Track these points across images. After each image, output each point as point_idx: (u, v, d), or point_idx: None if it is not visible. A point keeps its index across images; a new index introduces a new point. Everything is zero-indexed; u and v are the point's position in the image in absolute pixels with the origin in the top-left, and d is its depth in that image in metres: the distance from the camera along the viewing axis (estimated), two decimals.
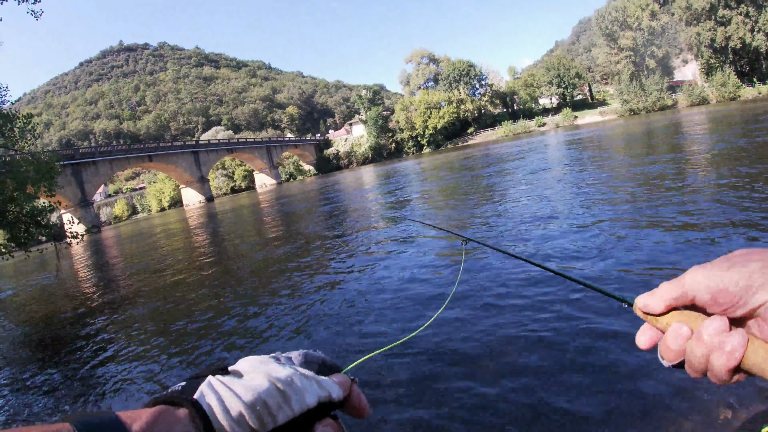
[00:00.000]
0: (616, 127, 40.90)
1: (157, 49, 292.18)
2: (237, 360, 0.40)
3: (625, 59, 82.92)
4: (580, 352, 4.13)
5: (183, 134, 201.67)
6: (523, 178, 16.84)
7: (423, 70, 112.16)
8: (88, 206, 63.08)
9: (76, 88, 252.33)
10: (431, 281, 7.07)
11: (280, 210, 27.36)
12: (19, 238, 14.63)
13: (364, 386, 4.26)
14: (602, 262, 6.43)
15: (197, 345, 6.58)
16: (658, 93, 73.34)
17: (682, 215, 7.93)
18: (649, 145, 19.82)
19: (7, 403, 6.15)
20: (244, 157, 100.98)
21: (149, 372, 5.97)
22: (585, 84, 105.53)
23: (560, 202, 10.83)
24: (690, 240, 6.68)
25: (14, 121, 13.49)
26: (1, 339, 10.25)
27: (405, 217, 5.86)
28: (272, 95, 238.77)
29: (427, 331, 4.94)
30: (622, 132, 33.10)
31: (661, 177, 11.55)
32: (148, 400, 0.43)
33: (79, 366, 6.83)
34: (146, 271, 15.23)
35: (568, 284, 5.67)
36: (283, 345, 5.87)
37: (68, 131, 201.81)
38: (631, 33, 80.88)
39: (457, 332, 5.02)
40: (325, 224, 16.63)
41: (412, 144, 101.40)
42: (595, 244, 7.25)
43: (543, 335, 4.60)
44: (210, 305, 8.57)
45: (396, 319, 5.88)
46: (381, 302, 6.58)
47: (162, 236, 28.94)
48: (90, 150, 68.38)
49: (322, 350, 0.42)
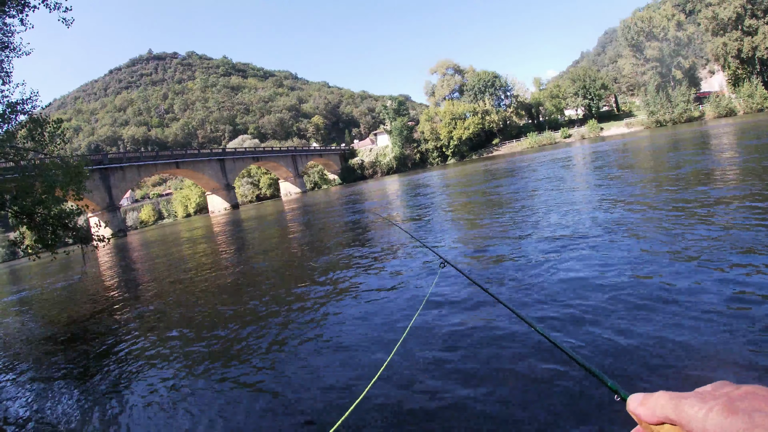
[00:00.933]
0: (642, 139, 40.29)
1: (186, 58, 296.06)
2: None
3: (651, 70, 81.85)
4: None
5: (210, 142, 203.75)
6: (545, 197, 16.61)
7: (448, 80, 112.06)
8: (115, 210, 64.03)
9: (106, 95, 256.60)
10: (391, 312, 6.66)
11: (303, 219, 27.46)
12: (46, 239, 14.86)
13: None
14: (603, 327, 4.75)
15: (214, 349, 6.59)
16: (685, 104, 72.28)
17: (713, 265, 5.77)
18: (678, 161, 19.30)
19: (29, 401, 6.23)
20: (269, 165, 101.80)
21: (163, 373, 5.98)
22: (611, 95, 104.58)
23: (580, 229, 10.13)
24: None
25: (44, 125, 13.72)
26: (26, 337, 10.39)
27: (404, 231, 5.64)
28: (298, 105, 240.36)
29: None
30: (649, 144, 32.58)
31: (691, 201, 10.63)
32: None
33: (100, 366, 6.87)
34: (169, 275, 15.35)
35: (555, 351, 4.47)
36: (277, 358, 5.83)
37: (97, 137, 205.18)
38: (657, 43, 79.84)
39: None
40: (341, 237, 16.66)
41: (436, 155, 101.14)
42: (605, 294, 5.63)
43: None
44: (229, 313, 8.58)
45: (345, 369, 5.10)
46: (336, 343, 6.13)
47: (187, 242, 29.22)
48: (118, 156, 69.50)
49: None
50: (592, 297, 5.52)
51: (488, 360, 4.55)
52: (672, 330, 4.30)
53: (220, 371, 5.70)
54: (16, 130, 13.74)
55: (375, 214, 20.05)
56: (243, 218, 43.45)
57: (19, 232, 15.70)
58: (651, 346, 4.11)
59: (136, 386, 5.81)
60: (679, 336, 4.18)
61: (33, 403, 6.19)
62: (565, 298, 5.70)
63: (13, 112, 13.12)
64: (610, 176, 17.35)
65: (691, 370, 3.70)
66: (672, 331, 4.28)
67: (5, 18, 13.29)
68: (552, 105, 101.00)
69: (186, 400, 5.01)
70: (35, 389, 6.73)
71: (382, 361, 4.86)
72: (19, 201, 13.76)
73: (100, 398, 5.68)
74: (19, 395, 6.64)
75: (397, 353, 4.91)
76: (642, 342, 4.24)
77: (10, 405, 6.35)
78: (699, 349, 3.95)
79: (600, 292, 5.65)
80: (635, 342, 4.27)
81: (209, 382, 5.41)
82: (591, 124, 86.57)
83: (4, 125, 13.26)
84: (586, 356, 4.17)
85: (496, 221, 12.08)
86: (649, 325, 4.52)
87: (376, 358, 5.11)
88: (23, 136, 13.68)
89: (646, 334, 4.35)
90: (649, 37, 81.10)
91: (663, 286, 5.42)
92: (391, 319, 6.28)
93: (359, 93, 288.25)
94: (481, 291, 2.01)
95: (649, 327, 4.46)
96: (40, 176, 13.42)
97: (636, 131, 72.29)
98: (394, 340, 5.40)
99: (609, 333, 4.51)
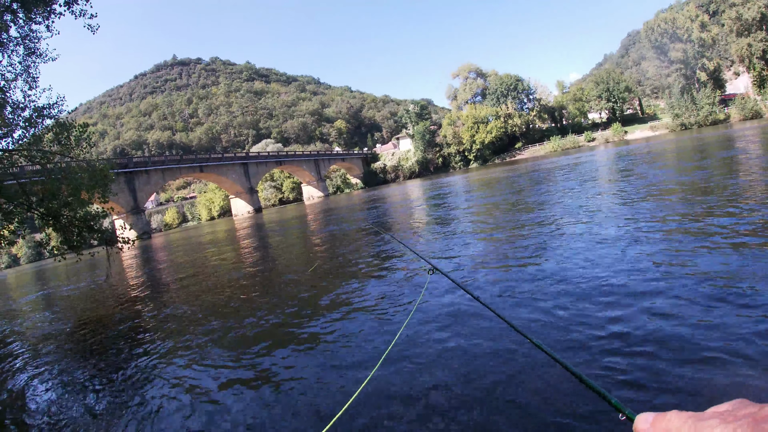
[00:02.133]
0: (667, 143, 39.57)
1: (210, 63, 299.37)
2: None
3: (675, 72, 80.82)
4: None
5: (234, 146, 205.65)
6: (570, 206, 16.44)
7: (470, 84, 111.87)
8: (140, 213, 65.02)
9: (131, 99, 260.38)
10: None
11: (325, 223, 27.53)
12: (71, 241, 15.10)
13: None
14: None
15: (236, 351, 6.63)
16: (710, 107, 71.20)
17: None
18: (709, 170, 18.91)
19: (54, 394, 6.32)
20: (292, 169, 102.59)
21: (183, 374, 6.02)
22: (635, 98, 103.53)
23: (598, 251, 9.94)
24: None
25: (70, 129, 13.95)
26: (52, 334, 10.55)
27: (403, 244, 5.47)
28: (321, 109, 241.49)
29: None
30: (675, 148, 31.95)
31: (722, 217, 9.97)
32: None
33: (124, 367, 6.95)
34: (192, 277, 15.48)
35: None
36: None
37: (122, 141, 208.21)
38: (681, 45, 78.84)
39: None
40: (360, 243, 16.68)
41: (459, 158, 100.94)
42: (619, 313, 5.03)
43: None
44: (249, 314, 8.63)
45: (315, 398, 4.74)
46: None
47: (210, 244, 29.46)
48: (143, 159, 70.57)
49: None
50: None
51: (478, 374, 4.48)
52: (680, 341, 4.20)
53: (241, 372, 5.73)
54: (43, 134, 14.00)
55: (383, 229, 20.01)
56: (266, 221, 43.70)
57: (45, 234, 15.92)
58: (662, 361, 3.98)
59: (157, 384, 5.85)
60: (687, 350, 4.06)
61: (57, 397, 6.28)
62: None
63: (39, 116, 13.35)
64: (651, 193, 17.02)
65: (704, 386, 3.47)
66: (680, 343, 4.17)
67: (31, 24, 13.57)
68: (575, 108, 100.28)
69: (208, 398, 5.04)
70: (60, 383, 6.83)
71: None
72: (46, 203, 14.01)
73: (122, 393, 5.74)
74: (44, 389, 6.74)
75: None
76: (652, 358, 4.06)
77: (36, 398, 6.46)
78: (710, 364, 3.74)
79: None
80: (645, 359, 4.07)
81: (228, 383, 5.44)
82: (615, 127, 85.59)
83: (31, 129, 13.51)
84: (593, 375, 3.96)
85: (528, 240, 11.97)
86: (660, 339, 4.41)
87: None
88: (50, 139, 13.93)
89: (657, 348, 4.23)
90: (673, 38, 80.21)
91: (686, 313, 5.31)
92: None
93: (381, 97, 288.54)
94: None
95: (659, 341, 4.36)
96: (66, 179, 13.64)
97: (661, 134, 71.22)
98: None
99: (627, 359, 4.40)
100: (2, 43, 13.11)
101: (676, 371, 3.65)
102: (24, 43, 13.54)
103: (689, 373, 3.61)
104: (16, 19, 13.25)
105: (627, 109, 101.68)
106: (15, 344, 10.61)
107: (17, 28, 13.39)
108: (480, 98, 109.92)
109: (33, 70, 13.73)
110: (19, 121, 13.18)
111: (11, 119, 13.02)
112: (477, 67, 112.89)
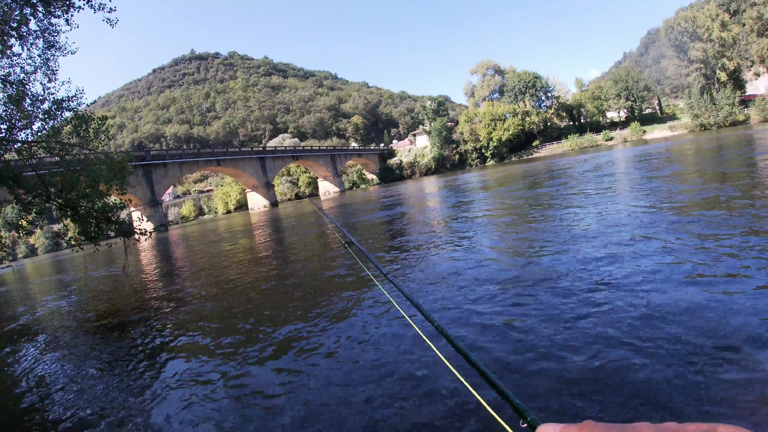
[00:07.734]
0: (686, 144, 38.99)
1: (227, 58, 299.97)
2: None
3: (695, 72, 79.64)
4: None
5: (251, 140, 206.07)
6: (586, 214, 16.27)
7: (488, 81, 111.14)
8: (157, 206, 65.61)
9: (149, 93, 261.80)
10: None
11: (340, 219, 27.53)
12: (89, 232, 15.29)
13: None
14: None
15: (248, 344, 6.65)
16: (730, 107, 69.94)
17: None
18: (733, 176, 18.61)
19: (70, 382, 6.39)
20: (308, 164, 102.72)
21: (196, 368, 6.05)
22: (654, 97, 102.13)
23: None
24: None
25: (89, 122, 14.10)
26: (69, 323, 10.68)
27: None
28: (338, 105, 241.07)
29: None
30: (694, 150, 31.36)
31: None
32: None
33: (139, 357, 7.02)
34: (207, 269, 15.60)
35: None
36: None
37: (140, 134, 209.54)
38: (701, 44, 77.62)
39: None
40: (372, 240, 16.69)
41: (475, 156, 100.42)
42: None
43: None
44: (264, 309, 8.67)
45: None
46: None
47: (226, 237, 29.61)
48: (161, 153, 71.21)
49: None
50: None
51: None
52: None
53: (256, 368, 5.75)
54: (62, 126, 14.17)
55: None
56: (281, 216, 43.86)
57: (62, 224, 16.12)
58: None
59: (169, 375, 5.90)
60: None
61: (73, 384, 6.35)
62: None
63: (58, 108, 13.52)
64: (673, 202, 16.77)
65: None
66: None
67: (51, 18, 13.70)
68: (593, 107, 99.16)
69: (219, 393, 5.07)
70: (75, 371, 6.92)
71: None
72: (64, 194, 14.19)
73: (136, 384, 5.79)
74: (60, 377, 6.84)
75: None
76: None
77: (52, 385, 6.55)
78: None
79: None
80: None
81: (238, 380, 5.47)
82: (634, 126, 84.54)
83: (50, 121, 13.68)
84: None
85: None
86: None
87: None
88: (68, 132, 14.09)
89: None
90: (693, 37, 79.08)
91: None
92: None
93: (398, 93, 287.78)
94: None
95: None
96: (84, 171, 13.82)
97: (680, 134, 70.24)
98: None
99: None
100: (22, 36, 13.27)
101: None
102: (43, 36, 13.69)
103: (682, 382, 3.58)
104: (35, 13, 13.40)
105: (646, 109, 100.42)
106: (36, 332, 10.77)
107: (36, 21, 13.55)
108: (498, 95, 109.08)
109: (52, 63, 13.89)
110: (38, 113, 13.36)
111: (30, 111, 13.19)
112: (495, 64, 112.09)
